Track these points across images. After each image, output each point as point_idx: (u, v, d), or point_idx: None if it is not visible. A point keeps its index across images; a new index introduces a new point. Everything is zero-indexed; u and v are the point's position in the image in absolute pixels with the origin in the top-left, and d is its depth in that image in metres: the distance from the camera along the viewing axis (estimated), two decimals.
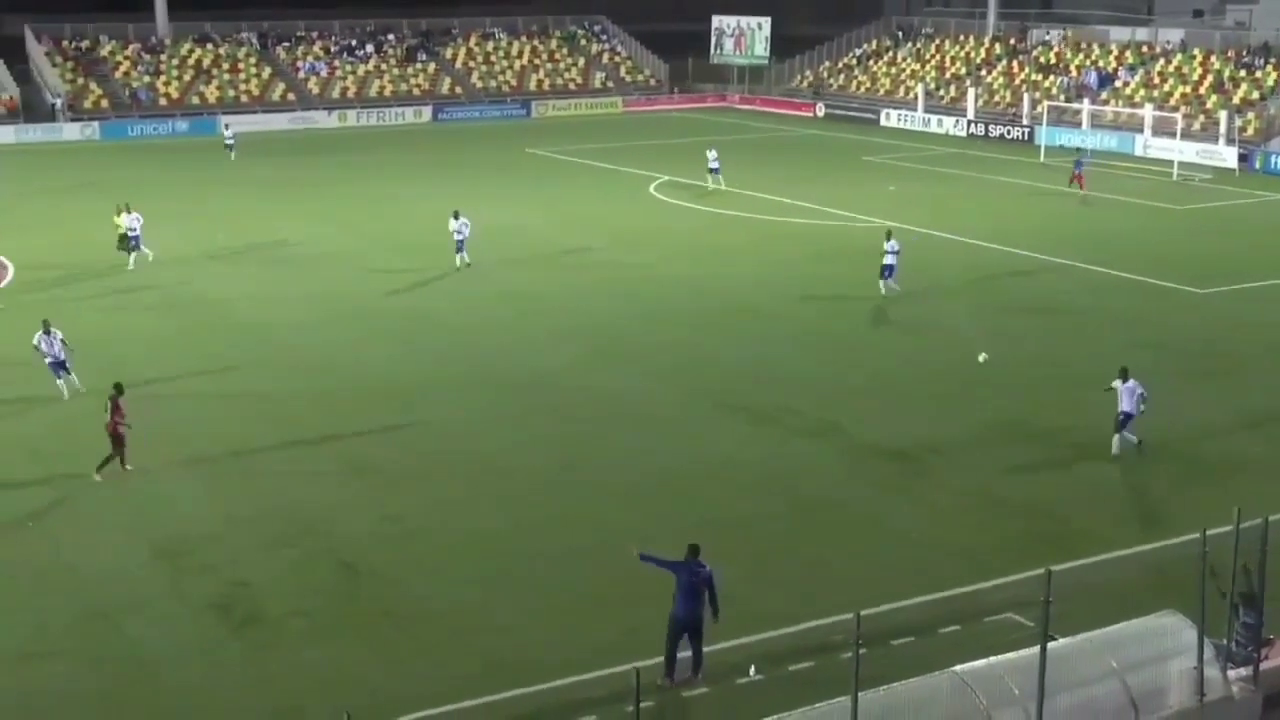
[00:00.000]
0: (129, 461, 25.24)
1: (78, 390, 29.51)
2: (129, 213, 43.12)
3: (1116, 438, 25.97)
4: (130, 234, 42.81)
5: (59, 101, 79.64)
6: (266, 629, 19.61)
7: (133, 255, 42.71)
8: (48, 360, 29.66)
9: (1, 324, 36.13)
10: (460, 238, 42.12)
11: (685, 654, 17.90)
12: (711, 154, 58.34)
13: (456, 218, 42.39)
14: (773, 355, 33.49)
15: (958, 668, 15.22)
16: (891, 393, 30.38)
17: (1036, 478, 25.38)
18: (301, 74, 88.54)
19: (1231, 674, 16.65)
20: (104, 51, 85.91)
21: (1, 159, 69.89)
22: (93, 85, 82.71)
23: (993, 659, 15.60)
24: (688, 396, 30.22)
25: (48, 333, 29.61)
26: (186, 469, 25.74)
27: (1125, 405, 25.90)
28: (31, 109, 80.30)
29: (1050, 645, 15.05)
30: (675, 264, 43.81)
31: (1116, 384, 26.16)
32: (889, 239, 38.70)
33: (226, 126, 74.07)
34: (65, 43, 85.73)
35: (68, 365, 29.78)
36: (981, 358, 26.60)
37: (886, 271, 38.55)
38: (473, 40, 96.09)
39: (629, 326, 36.16)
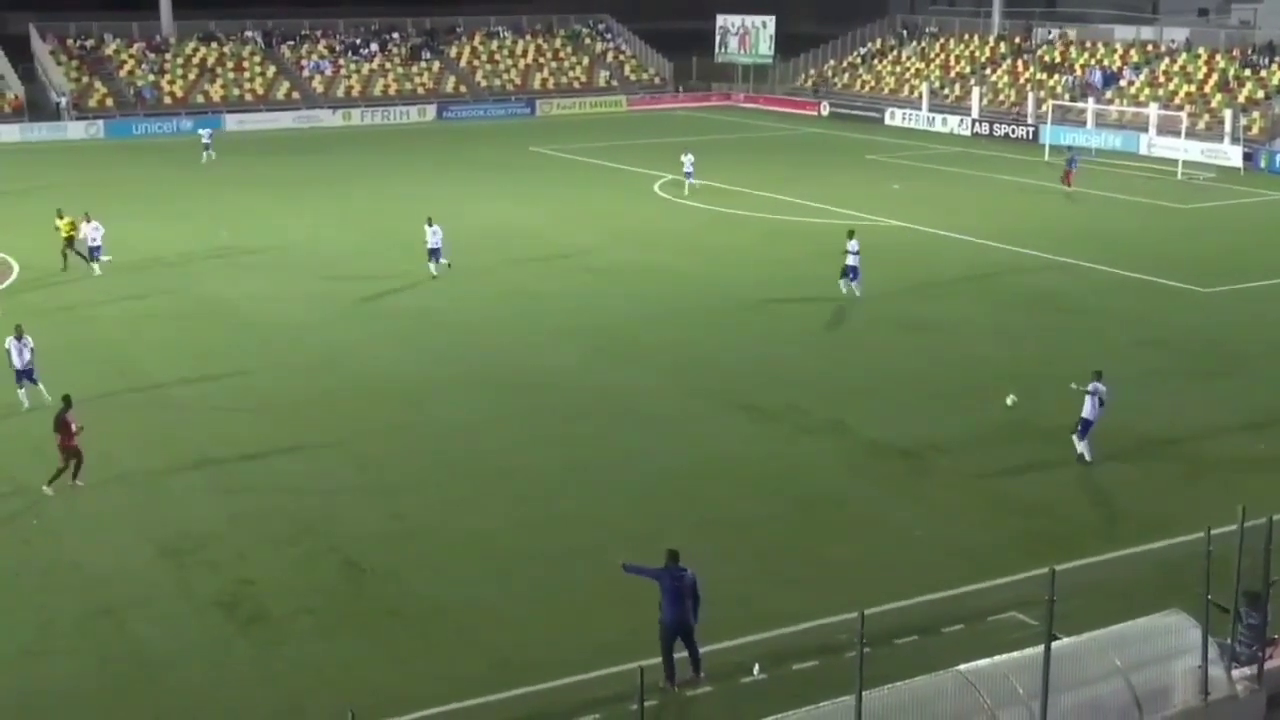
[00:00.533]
0: (81, 476, 24.47)
1: (44, 403, 28.08)
2: (89, 221, 42.17)
3: (1084, 443, 25.90)
4: (91, 243, 41.80)
5: (64, 100, 79.74)
6: (271, 627, 19.63)
7: (95, 263, 41.78)
8: (15, 367, 28.68)
9: (5, 323, 36.22)
10: (433, 245, 40.80)
11: (682, 654, 17.89)
12: (687, 158, 57.62)
13: (430, 224, 41.11)
14: (777, 354, 33.48)
15: (962, 667, 15.21)
16: (895, 391, 30.36)
17: (1040, 476, 25.36)
18: (306, 73, 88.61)
19: (1236, 673, 16.64)
20: (109, 50, 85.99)
21: (6, 157, 69.98)
22: (97, 84, 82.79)
23: (997, 658, 15.59)
24: (692, 395, 30.22)
25: (19, 339, 28.78)
26: (191, 467, 25.75)
27: (1087, 411, 25.84)
28: (36, 108, 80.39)
29: (1054, 644, 15.04)
30: (679, 262, 43.80)
31: (1091, 386, 26.00)
32: (850, 238, 38.17)
33: (203, 129, 72.71)
34: (70, 41, 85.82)
35: (35, 375, 28.79)
36: (1010, 400, 26.50)
37: (851, 273, 37.95)
38: (477, 39, 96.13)
39: (633, 325, 36.16)
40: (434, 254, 40.97)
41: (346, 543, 22.31)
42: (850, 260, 37.87)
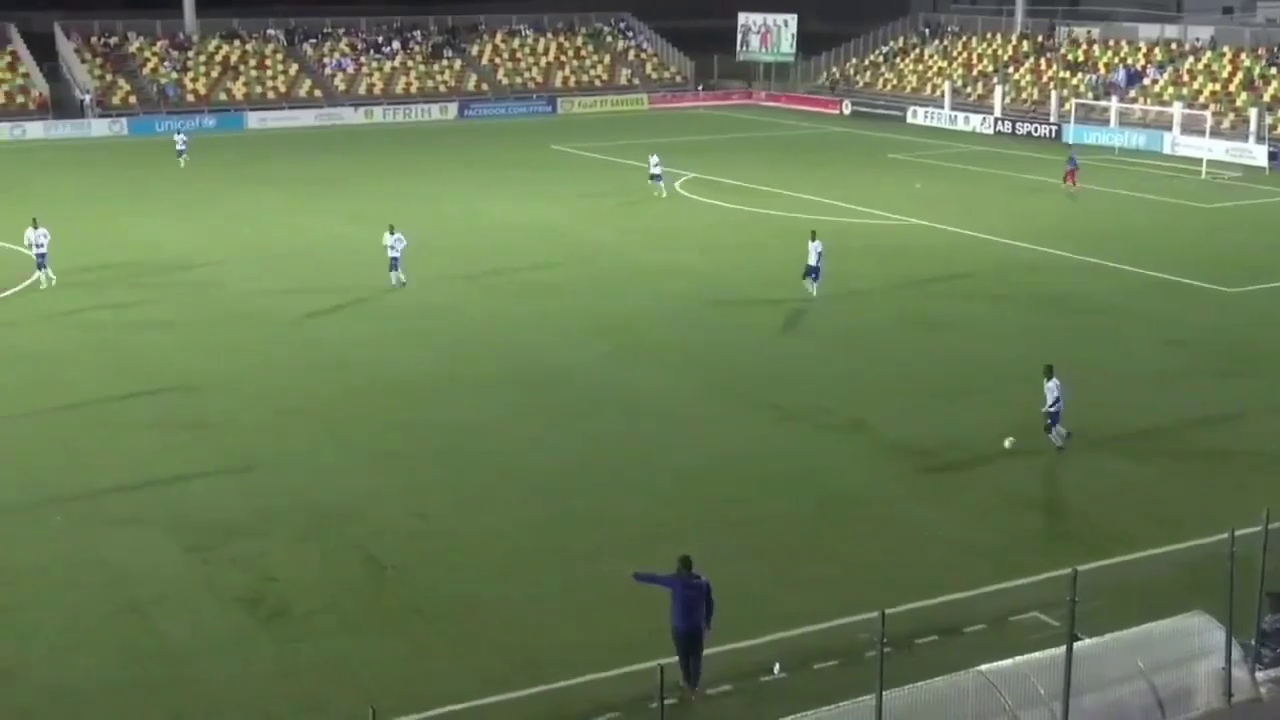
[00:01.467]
0: None
1: None
2: (35, 228, 39.62)
3: (1056, 428, 25.97)
4: (36, 250, 39.36)
5: (88, 98, 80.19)
6: (293, 623, 19.70)
7: (40, 274, 39.49)
8: None
9: (30, 316, 36.47)
10: (394, 254, 39.29)
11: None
12: (654, 159, 56.37)
13: (392, 232, 39.54)
14: (798, 352, 33.47)
15: (983, 667, 15.20)
16: (917, 390, 30.30)
17: (1062, 476, 25.31)
18: (328, 70, 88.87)
19: (1260, 675, 16.58)
20: (132, 48, 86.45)
21: (30, 155, 70.39)
22: (121, 81, 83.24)
23: (1018, 659, 15.57)
24: (712, 393, 30.22)
25: None
26: (213, 465, 25.87)
27: (1050, 407, 25.86)
28: (61, 105, 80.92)
29: (1076, 645, 15.02)
30: (699, 261, 43.80)
31: (1047, 388, 25.91)
32: (813, 239, 37.94)
33: (179, 132, 69.69)
34: (94, 39, 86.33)
35: None
36: (1008, 443, 26.20)
37: (813, 273, 37.71)
38: (499, 37, 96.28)
39: (652, 323, 36.17)
40: (395, 264, 39.40)
41: (368, 540, 22.39)
42: (812, 260, 37.71)
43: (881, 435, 27.48)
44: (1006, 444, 25.91)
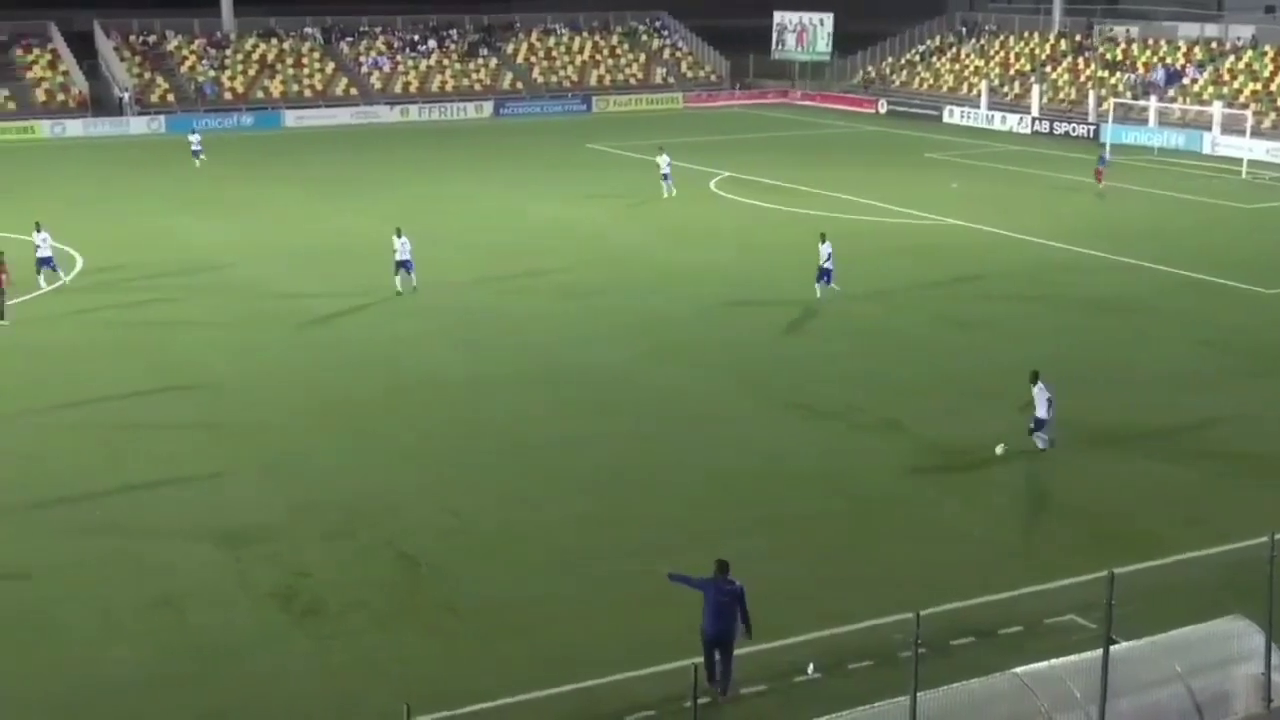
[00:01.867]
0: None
1: None
2: (39, 231, 39.29)
3: (1041, 434, 25.78)
4: (40, 254, 38.91)
5: (126, 95, 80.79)
6: (327, 620, 19.75)
7: (41, 274, 39.02)
8: None
9: (58, 313, 36.72)
10: (402, 258, 38.51)
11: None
12: (663, 159, 55.84)
13: (399, 236, 38.76)
14: (831, 352, 33.34)
15: (1018, 669, 15.11)
16: (951, 391, 30.15)
17: (1098, 478, 25.09)
18: (364, 69, 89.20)
19: None
20: (170, 46, 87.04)
21: (70, 152, 70.97)
22: (159, 79, 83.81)
23: (1054, 661, 15.47)
24: (745, 393, 30.13)
25: None
26: (248, 460, 26.00)
27: (1041, 411, 25.65)
28: (100, 103, 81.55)
29: (1113, 648, 14.89)
30: (733, 260, 43.71)
31: (1034, 390, 25.71)
32: (823, 242, 37.73)
33: (194, 132, 69.44)
34: (133, 37, 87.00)
35: None
36: (1000, 449, 25.92)
37: (826, 276, 37.48)
38: (534, 36, 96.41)
39: (684, 322, 36.10)
40: (402, 266, 38.52)
41: (401, 537, 22.44)
42: (825, 264, 37.50)
43: (914, 435, 27.34)
44: (998, 450, 25.74)
